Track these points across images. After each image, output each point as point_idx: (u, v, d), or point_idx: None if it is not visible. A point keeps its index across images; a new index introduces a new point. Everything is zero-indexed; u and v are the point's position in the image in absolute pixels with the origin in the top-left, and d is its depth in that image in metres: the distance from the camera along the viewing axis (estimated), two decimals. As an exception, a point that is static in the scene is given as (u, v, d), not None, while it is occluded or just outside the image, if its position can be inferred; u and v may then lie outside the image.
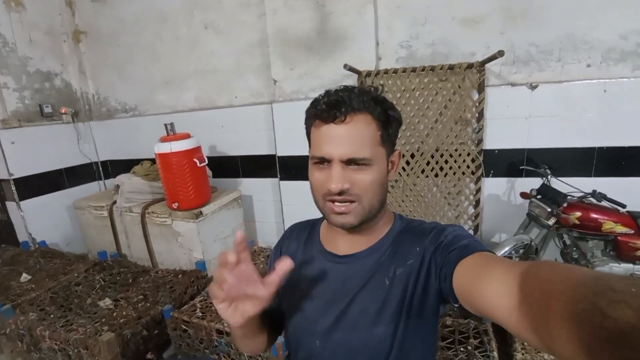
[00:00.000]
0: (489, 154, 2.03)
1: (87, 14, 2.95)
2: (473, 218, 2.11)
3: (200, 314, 1.72)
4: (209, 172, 2.45)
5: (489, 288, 0.45)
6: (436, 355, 0.74)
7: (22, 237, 2.71)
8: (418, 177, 2.15)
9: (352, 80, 2.16)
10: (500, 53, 1.68)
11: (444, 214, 2.16)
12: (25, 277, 2.26)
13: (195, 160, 2.17)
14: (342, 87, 0.64)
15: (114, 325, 1.72)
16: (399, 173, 2.17)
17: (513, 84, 1.93)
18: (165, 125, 2.17)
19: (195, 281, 2.14)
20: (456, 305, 0.55)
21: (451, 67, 1.92)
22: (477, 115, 1.96)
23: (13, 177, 2.57)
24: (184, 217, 2.22)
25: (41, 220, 2.73)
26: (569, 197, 1.76)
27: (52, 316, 1.85)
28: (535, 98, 1.89)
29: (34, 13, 2.71)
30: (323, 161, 0.62)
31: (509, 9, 1.86)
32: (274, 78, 2.35)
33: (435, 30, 2.01)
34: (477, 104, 1.94)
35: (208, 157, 2.30)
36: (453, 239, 0.60)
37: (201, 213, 2.22)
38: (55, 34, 2.89)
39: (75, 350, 1.68)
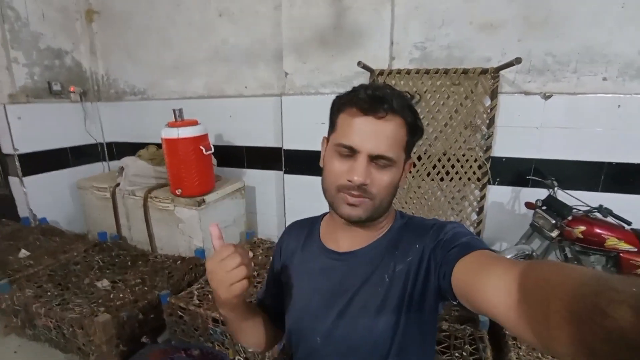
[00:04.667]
0: (496, 162, 2.02)
1: (101, -7, 2.93)
2: (475, 224, 2.11)
3: (197, 302, 1.72)
4: (214, 161, 2.45)
5: (488, 286, 0.45)
6: (434, 355, 0.73)
7: (23, 212, 2.71)
8: (423, 179, 2.14)
9: (364, 78, 2.14)
10: (518, 60, 1.66)
11: (446, 218, 2.15)
12: (24, 253, 2.27)
13: (201, 147, 2.17)
14: (382, 84, 0.65)
15: (110, 307, 1.73)
16: (405, 175, 2.15)
17: (527, 93, 1.91)
18: (174, 110, 2.16)
19: (194, 268, 2.14)
20: (455, 302, 0.55)
21: (465, 72, 1.90)
22: (487, 121, 1.95)
23: (18, 153, 2.57)
24: (186, 203, 2.22)
25: (43, 197, 2.73)
26: (574, 211, 1.75)
27: (49, 294, 1.86)
28: (548, 108, 1.88)
29: (48, -11, 2.70)
30: (349, 151, 0.62)
31: (529, 16, 1.84)
32: (285, 70, 2.34)
33: (451, 33, 1.99)
34: (489, 111, 1.93)
35: (214, 146, 2.29)
36: (453, 236, 0.60)
37: (204, 201, 2.22)
38: (68, 12, 2.87)
39: (70, 329, 1.69)
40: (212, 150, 2.26)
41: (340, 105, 0.66)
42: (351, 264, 0.68)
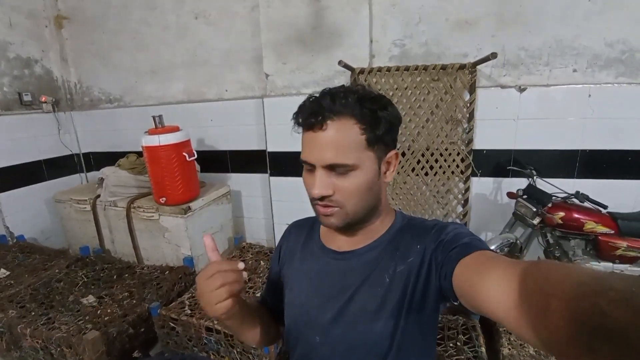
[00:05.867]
0: (478, 154, 2.07)
1: (70, -2, 2.82)
2: (461, 217, 2.16)
3: (189, 311, 1.70)
4: (198, 167, 2.41)
5: (489, 287, 0.45)
6: (435, 353, 0.74)
7: (-2, 230, 2.59)
8: (408, 175, 2.17)
9: (345, 77, 2.15)
10: (494, 55, 1.71)
11: (432, 212, 2.20)
12: (3, 272, 2.16)
13: (184, 154, 2.13)
14: (327, 89, 0.63)
15: (98, 324, 1.68)
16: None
17: (503, 86, 1.97)
18: (154, 117, 2.11)
19: (183, 277, 2.10)
20: (456, 303, 0.55)
21: (443, 67, 1.94)
22: (467, 115, 2.00)
23: (-12, 168, 2.45)
24: (171, 212, 2.17)
25: (19, 213, 2.62)
26: (553, 198, 1.82)
27: (32, 313, 1.78)
28: (524, 100, 1.94)
29: (14, -6, 2.58)
30: (310, 166, 0.63)
31: (501, 13, 1.89)
32: (265, 72, 2.32)
33: (428, 30, 2.03)
34: (468, 105, 1.97)
35: (197, 151, 2.25)
36: (454, 237, 0.60)
37: (189, 208, 2.18)
38: (36, 18, 2.75)
39: (58, 349, 1.62)
40: (195, 156, 2.22)
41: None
42: (350, 264, 0.68)
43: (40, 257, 2.35)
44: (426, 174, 2.15)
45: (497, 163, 2.08)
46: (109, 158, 2.79)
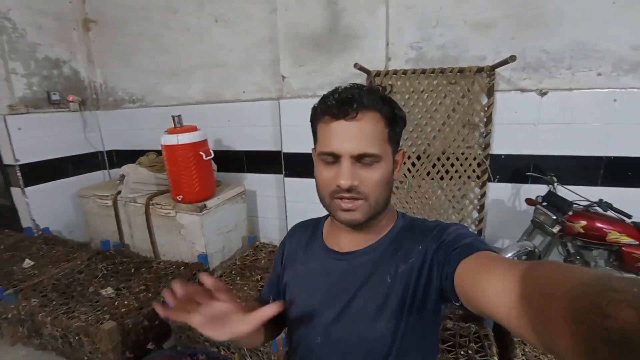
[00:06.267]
0: (495, 159, 2.03)
1: (97, 2, 2.94)
2: (477, 222, 2.11)
3: (202, 307, 1.73)
4: (214, 166, 2.46)
5: (489, 287, 0.45)
6: (437, 355, 0.74)
7: (25, 223, 2.72)
8: (423, 179, 2.15)
9: (361, 80, 2.15)
10: (512, 58, 1.67)
11: (447, 217, 2.16)
12: (28, 262, 2.27)
13: (201, 153, 2.18)
14: (350, 84, 0.64)
15: (115, 314, 1.74)
16: (404, 174, 2.17)
17: (523, 90, 1.92)
18: (173, 117, 2.17)
19: (197, 274, 2.15)
20: (457, 304, 0.55)
21: (461, 71, 1.91)
22: (485, 119, 1.96)
23: (19, 163, 2.58)
24: (187, 209, 2.22)
25: (45, 207, 2.74)
26: (574, 206, 1.75)
27: (54, 303, 1.86)
28: (545, 105, 1.89)
29: (44, -1, 2.71)
30: (332, 157, 0.62)
31: (521, 15, 1.85)
32: (282, 74, 2.35)
33: (446, 33, 2.01)
34: (486, 109, 1.94)
35: (213, 151, 2.30)
36: (455, 237, 0.60)
37: (205, 206, 2.23)
38: (64, 21, 2.88)
39: (77, 338, 1.69)
40: (212, 155, 2.27)
41: (315, 116, 0.67)
42: (352, 264, 0.68)
43: (63, 249, 2.46)
44: (441, 178, 2.12)
45: (515, 168, 2.03)
46: (131, 156, 2.89)
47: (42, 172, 2.72)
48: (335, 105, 0.60)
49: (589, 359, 0.28)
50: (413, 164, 2.14)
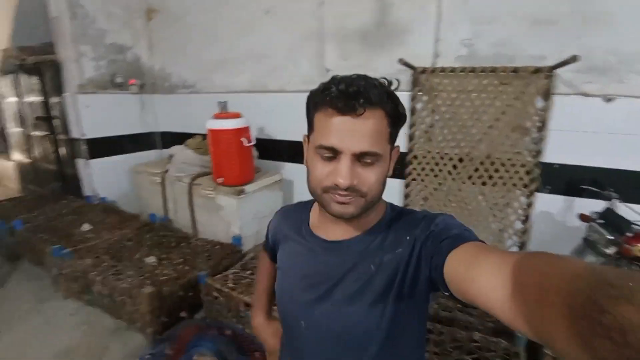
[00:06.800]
0: (547, 168, 1.88)
1: (161, -7, 3.15)
2: (520, 234, 1.99)
3: (232, 285, 1.82)
4: (255, 153, 2.55)
5: (481, 278, 0.44)
6: (425, 346, 0.73)
7: (87, 191, 3.03)
8: (464, 182, 2.06)
9: (405, 76, 2.10)
10: (574, 58, 1.53)
11: (487, 225, 2.06)
12: (86, 226, 2.53)
13: (243, 139, 2.27)
14: (355, 75, 0.60)
15: (155, 281, 1.89)
16: (444, 177, 2.09)
17: (585, 95, 1.75)
18: (219, 103, 2.28)
19: (230, 254, 2.26)
20: (447, 293, 0.54)
21: (515, 70, 1.79)
22: (538, 124, 1.82)
23: (85, 137, 2.87)
24: (227, 192, 2.34)
25: (104, 178, 3.03)
26: (635, 227, 1.58)
27: (104, 264, 2.07)
28: (610, 112, 1.71)
29: (113, -12, 2.95)
30: (331, 152, 0.60)
31: (588, 11, 1.68)
32: (326, 67, 2.36)
33: (501, 30, 1.88)
34: (541, 113, 1.80)
35: (256, 139, 2.38)
36: (444, 227, 0.59)
37: (243, 191, 2.32)
38: (130, 10, 3.13)
39: (121, 298, 1.87)
40: (254, 142, 2.35)
41: (314, 104, 0.63)
42: (339, 253, 0.68)
43: (117, 218, 2.71)
44: (483, 183, 2.01)
45: (569, 180, 1.87)
46: (180, 137, 3.09)
47: (103, 147, 3.00)
48: (341, 99, 0.56)
49: (585, 354, 0.28)
50: (454, 167, 2.06)
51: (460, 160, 2.04)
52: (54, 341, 1.88)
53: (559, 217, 1.96)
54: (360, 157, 0.59)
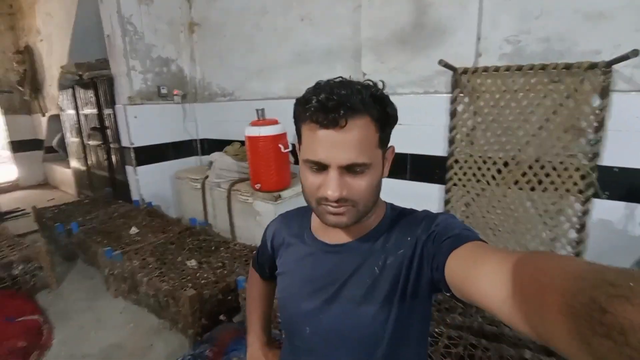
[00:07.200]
0: (605, 172, 1.73)
1: (201, 7, 3.31)
2: (574, 244, 1.83)
3: (269, 290, 1.84)
4: (291, 159, 2.58)
5: (482, 278, 0.44)
6: (428, 346, 0.72)
7: (134, 196, 3.23)
8: (510, 188, 1.94)
9: (445, 78, 2.03)
10: (634, 53, 1.40)
11: (536, 233, 1.92)
12: (134, 230, 2.69)
13: (280, 145, 2.30)
14: (337, 80, 0.59)
15: (196, 284, 1.95)
16: (487, 182, 1.98)
17: (650, 91, 1.59)
18: (257, 110, 2.33)
19: (267, 259, 2.28)
20: (448, 294, 0.54)
21: (567, 67, 1.66)
22: (595, 124, 1.68)
23: (133, 146, 3.06)
24: (264, 197, 2.38)
25: (150, 184, 3.21)
26: None
27: (150, 266, 2.17)
28: (680, 110, 1.54)
29: (159, 6, 3.15)
30: (318, 166, 0.59)
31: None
32: (363, 71, 2.34)
33: (551, 24, 1.76)
34: (598, 112, 1.66)
35: (292, 145, 2.41)
36: (445, 227, 0.58)
37: (280, 196, 2.35)
38: (174, 25, 3.32)
39: (165, 299, 1.95)
40: (290, 148, 2.38)
41: (299, 115, 0.61)
42: (341, 256, 0.68)
43: (161, 222, 2.85)
44: (532, 189, 1.88)
45: (631, 185, 1.70)
46: (220, 144, 3.20)
47: (149, 154, 3.19)
48: (321, 112, 0.55)
49: (585, 353, 0.28)
50: (499, 171, 1.95)
51: (506, 164, 1.92)
52: (103, 337, 2.00)
53: (619, 225, 1.78)
54: (348, 168, 0.58)
